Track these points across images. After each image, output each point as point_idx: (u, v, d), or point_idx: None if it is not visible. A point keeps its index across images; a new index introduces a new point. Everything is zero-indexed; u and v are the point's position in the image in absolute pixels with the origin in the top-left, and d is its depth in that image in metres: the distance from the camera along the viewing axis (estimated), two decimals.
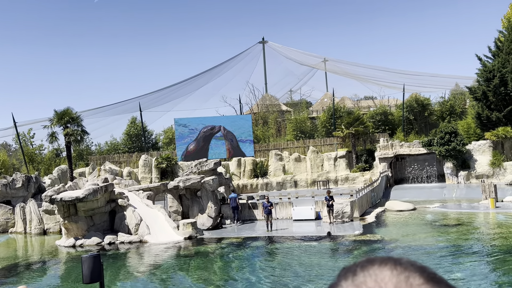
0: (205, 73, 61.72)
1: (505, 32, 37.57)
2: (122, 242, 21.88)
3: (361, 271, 0.81)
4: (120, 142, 51.22)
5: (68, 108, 37.01)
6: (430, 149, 35.51)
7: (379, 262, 0.82)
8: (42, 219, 28.59)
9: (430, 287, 0.78)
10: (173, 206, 27.37)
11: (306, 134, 46.35)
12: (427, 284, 0.78)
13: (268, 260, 16.73)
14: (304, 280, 13.23)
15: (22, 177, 33.12)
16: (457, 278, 12.30)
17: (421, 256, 15.20)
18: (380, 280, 0.78)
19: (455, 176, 34.80)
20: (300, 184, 39.31)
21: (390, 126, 44.15)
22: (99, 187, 23.09)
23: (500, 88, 35.48)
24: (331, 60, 67.63)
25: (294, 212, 24.71)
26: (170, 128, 53.33)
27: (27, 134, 49.89)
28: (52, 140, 37.77)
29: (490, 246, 16.38)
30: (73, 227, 22.72)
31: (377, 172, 36.00)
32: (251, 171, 40.46)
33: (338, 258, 16.38)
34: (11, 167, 48.07)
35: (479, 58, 38.07)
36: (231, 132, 42.27)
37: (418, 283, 0.78)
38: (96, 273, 8.42)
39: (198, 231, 22.32)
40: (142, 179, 40.13)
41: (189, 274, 15.25)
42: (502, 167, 33.64)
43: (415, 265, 0.82)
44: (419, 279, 0.78)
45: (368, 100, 63.37)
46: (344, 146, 41.39)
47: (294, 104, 63.35)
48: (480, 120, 36.59)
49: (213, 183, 25.86)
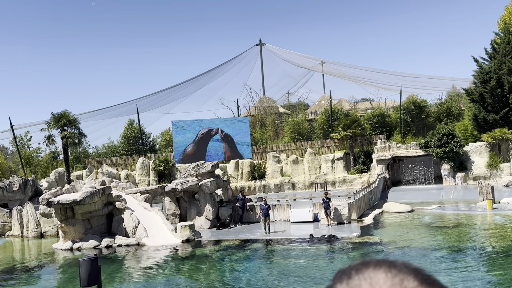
0: (203, 75, 61.76)
1: (501, 34, 37.75)
2: (119, 245, 21.82)
3: (356, 274, 0.82)
4: (117, 144, 51.14)
5: (66, 110, 36.98)
6: (427, 151, 35.58)
7: (373, 264, 0.83)
8: (39, 222, 28.49)
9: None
10: (171, 208, 27.33)
11: (303, 136, 46.39)
12: (421, 286, 0.78)
13: (266, 263, 16.71)
14: (301, 282, 13.21)
15: (19, 180, 33.00)
16: (455, 280, 12.31)
17: (418, 257, 15.21)
18: (374, 283, 0.78)
19: (452, 178, 34.88)
20: (298, 186, 39.31)
21: (387, 128, 44.23)
22: (97, 190, 23.03)
23: (497, 90, 35.62)
24: (329, 62, 67.80)
25: (292, 214, 24.71)
26: (167, 130, 53.29)
27: (24, 137, 49.74)
28: (49, 143, 37.68)
29: (487, 247, 16.40)
30: (70, 230, 22.64)
31: (375, 174, 36.05)
32: (248, 173, 40.45)
33: (335, 260, 16.37)
34: (8, 170, 47.93)
35: (476, 60, 38.23)
36: (228, 134, 42.27)
37: (413, 285, 0.78)
38: (94, 276, 8.40)
39: (196, 234, 22.28)
40: (139, 181, 40.06)
41: (186, 277, 15.21)
42: (499, 168, 33.73)
43: (410, 267, 0.82)
44: (413, 281, 0.79)
45: (366, 102, 63.47)
46: (341, 148, 41.44)
47: (292, 106, 63.42)
48: (477, 122, 36.70)
49: (211, 186, 25.84)
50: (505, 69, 35.38)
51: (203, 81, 61.19)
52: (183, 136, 42.21)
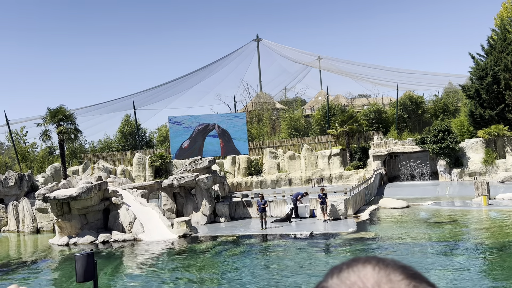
0: (199, 71, 61.60)
1: (498, 30, 37.80)
2: (116, 240, 21.82)
3: (346, 268, 0.88)
4: (114, 140, 51.02)
5: (62, 106, 36.77)
6: (423, 147, 35.70)
7: (363, 260, 0.89)
8: (35, 218, 28.44)
9: (409, 282, 0.82)
10: (167, 204, 27.34)
11: (300, 132, 46.41)
12: (407, 279, 0.82)
13: (262, 258, 16.76)
14: (297, 277, 13.27)
15: (15, 175, 32.90)
16: (450, 275, 12.39)
17: (414, 253, 15.29)
18: (363, 275, 0.84)
19: (448, 174, 35.02)
20: (294, 182, 39.37)
21: (384, 124, 44.31)
22: (93, 185, 23.00)
23: (493, 86, 35.72)
24: (326, 58, 67.74)
25: (289, 210, 24.75)
26: (164, 126, 53.19)
27: (19, 132, 49.52)
28: (45, 138, 37.52)
29: (482, 243, 16.50)
30: (66, 225, 22.61)
31: (371, 170, 36.14)
32: (245, 169, 40.46)
33: (331, 255, 16.44)
34: (4, 165, 47.76)
35: (472, 57, 38.30)
36: (225, 130, 42.22)
37: (398, 278, 0.83)
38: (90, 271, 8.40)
39: (193, 229, 22.30)
40: (136, 177, 40.01)
41: (182, 272, 15.23)
42: (495, 164, 33.89)
43: (398, 264, 0.87)
44: (400, 275, 0.84)
45: (362, 98, 63.58)
46: (338, 144, 41.50)
47: (289, 102, 63.41)
48: (473, 118, 36.82)
49: (208, 181, 25.85)
50: (502, 66, 35.46)
51: (200, 76, 61.07)
52: (180, 131, 42.14)
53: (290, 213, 24.02)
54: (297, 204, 24.74)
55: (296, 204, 24.70)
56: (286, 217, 23.81)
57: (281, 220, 23.66)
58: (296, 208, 24.65)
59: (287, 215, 23.93)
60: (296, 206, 24.64)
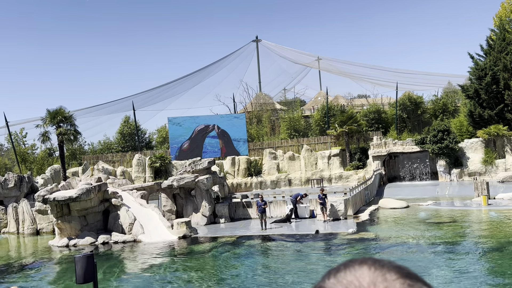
0: (199, 71, 61.60)
1: (497, 30, 37.83)
2: (115, 241, 21.80)
3: (343, 269, 0.90)
4: (113, 141, 50.97)
5: (61, 107, 36.77)
6: (423, 147, 35.71)
7: (359, 261, 0.91)
8: (35, 219, 28.42)
9: (404, 281, 0.84)
10: (167, 205, 27.33)
11: (300, 133, 46.41)
12: (402, 279, 0.85)
13: (262, 259, 16.76)
14: (297, 278, 13.27)
15: (14, 177, 32.88)
16: (449, 275, 12.39)
17: (413, 253, 15.30)
18: (359, 275, 0.87)
19: (448, 174, 35.03)
20: (294, 182, 39.37)
21: (383, 124, 44.33)
22: (93, 187, 22.99)
23: (492, 86, 35.74)
24: (325, 58, 67.77)
25: (288, 210, 24.75)
26: (163, 127, 53.17)
27: (19, 133, 49.50)
28: (45, 139, 37.50)
29: (482, 242, 16.51)
30: (66, 227, 22.60)
31: (371, 170, 36.14)
32: (245, 170, 40.45)
33: (330, 256, 16.43)
34: (3, 167, 47.76)
35: (472, 57, 38.32)
36: (225, 131, 42.22)
37: (394, 278, 0.85)
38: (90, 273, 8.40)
39: (192, 230, 22.29)
40: (135, 178, 39.99)
41: (182, 273, 15.23)
42: (494, 164, 33.90)
43: (393, 264, 0.90)
44: (395, 275, 0.86)
45: (362, 98, 63.60)
46: (337, 144, 41.50)
47: (288, 103, 63.42)
48: (473, 118, 36.84)
49: (207, 182, 25.85)
50: (501, 66, 35.50)
51: (199, 77, 61.08)
52: (179, 132, 42.12)
53: (290, 213, 24.03)
54: (297, 205, 24.73)
55: (296, 204, 24.70)
56: (285, 218, 23.82)
57: (281, 221, 23.66)
58: (296, 209, 24.65)
59: (286, 216, 23.93)
60: (295, 206, 24.64)
